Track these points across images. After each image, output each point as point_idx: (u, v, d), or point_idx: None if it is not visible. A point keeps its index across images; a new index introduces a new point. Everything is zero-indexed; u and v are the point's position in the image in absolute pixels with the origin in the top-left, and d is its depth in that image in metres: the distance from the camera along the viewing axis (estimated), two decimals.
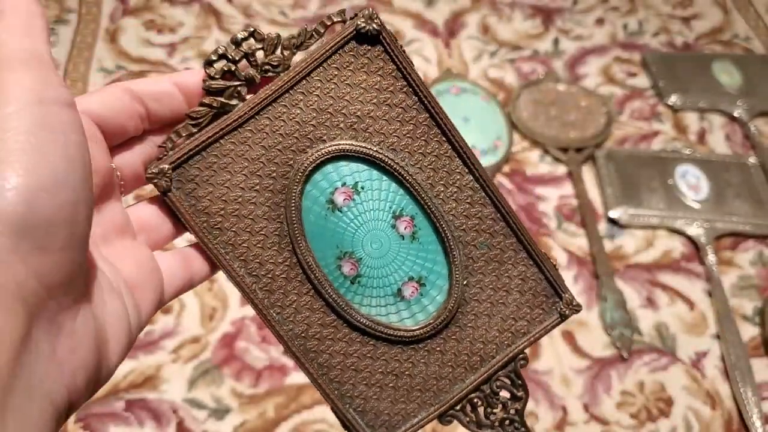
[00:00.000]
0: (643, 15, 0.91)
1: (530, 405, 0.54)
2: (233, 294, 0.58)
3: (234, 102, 0.25)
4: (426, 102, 0.27)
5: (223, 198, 0.26)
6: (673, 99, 0.79)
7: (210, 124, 0.25)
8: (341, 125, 0.26)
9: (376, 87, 0.26)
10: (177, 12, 0.83)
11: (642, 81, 0.82)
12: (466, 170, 0.28)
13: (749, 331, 0.60)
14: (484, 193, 0.28)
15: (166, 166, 0.25)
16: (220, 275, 0.61)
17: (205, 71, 0.25)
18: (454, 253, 0.28)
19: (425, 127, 0.27)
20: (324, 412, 0.52)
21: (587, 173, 0.71)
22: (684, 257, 0.65)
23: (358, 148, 0.26)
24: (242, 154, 0.26)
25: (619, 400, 0.55)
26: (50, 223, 0.18)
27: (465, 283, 0.28)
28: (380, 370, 0.28)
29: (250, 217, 0.26)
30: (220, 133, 0.25)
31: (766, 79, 0.82)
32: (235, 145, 0.25)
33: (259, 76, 0.25)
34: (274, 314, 0.27)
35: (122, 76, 0.75)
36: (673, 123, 0.77)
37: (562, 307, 0.29)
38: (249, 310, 0.57)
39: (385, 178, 0.27)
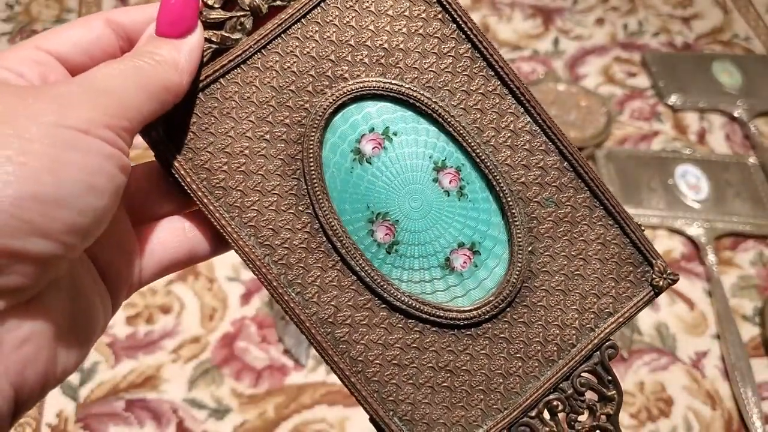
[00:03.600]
0: (643, 15, 0.91)
1: None
2: (233, 294, 0.58)
3: (237, 36, 0.21)
4: (467, 30, 0.22)
5: (227, 150, 0.21)
6: (673, 99, 0.79)
7: (209, 63, 0.21)
8: (366, 60, 0.22)
9: (406, 14, 0.22)
10: None
11: (642, 81, 0.82)
12: (522, 110, 0.22)
13: (749, 331, 0.60)
14: (545, 138, 0.23)
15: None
16: (219, 275, 0.61)
17: (203, 0, 0.21)
18: (514, 211, 0.22)
19: (467, 59, 0.22)
20: (324, 412, 0.52)
21: None
22: (684, 257, 0.65)
23: (387, 86, 0.22)
24: (248, 96, 0.21)
25: None
26: (33, 231, 0.16)
27: (530, 249, 0.22)
28: (430, 364, 0.22)
29: (260, 173, 0.22)
30: (221, 71, 0.21)
31: (766, 79, 0.82)
32: (240, 86, 0.21)
33: (266, 5, 0.21)
34: (294, 294, 0.22)
35: None
36: (673, 123, 0.77)
37: (654, 277, 0.23)
38: (249, 310, 0.57)
39: (422, 121, 0.22)
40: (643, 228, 0.24)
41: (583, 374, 0.23)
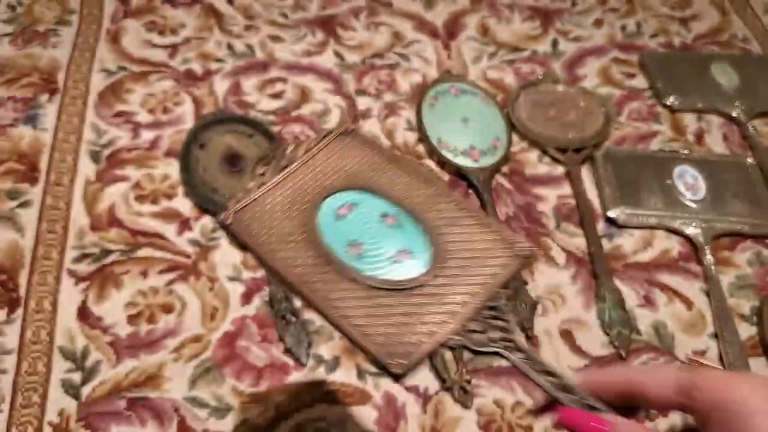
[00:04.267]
0: (641, 16, 0.91)
1: (529, 403, 0.54)
2: (234, 293, 0.59)
3: (267, 179, 0.41)
4: (394, 160, 0.42)
5: (266, 226, 0.38)
6: (671, 100, 0.79)
7: (258, 189, 0.40)
8: (340, 178, 0.40)
9: (358, 158, 0.42)
10: (178, 13, 0.84)
11: (640, 82, 0.82)
12: (430, 184, 0.40)
13: (747, 331, 0.60)
14: (439, 191, 0.40)
15: (231, 212, 0.39)
16: (220, 274, 0.61)
17: (256, 167, 0.41)
18: (428, 230, 0.38)
19: (393, 171, 0.41)
20: (325, 410, 0.52)
21: (586, 173, 0.71)
22: (682, 257, 0.65)
23: (354, 182, 0.40)
24: (277, 201, 0.39)
25: None
26: None
27: (441, 246, 0.38)
28: (395, 312, 0.35)
29: (285, 233, 0.38)
30: (260, 194, 0.40)
31: (764, 79, 0.82)
32: (273, 197, 0.40)
33: (282, 169, 0.41)
34: (312, 293, 0.36)
35: (124, 77, 0.75)
36: (671, 123, 0.78)
37: (517, 251, 0.37)
38: (250, 310, 0.58)
39: (370, 196, 0.40)
40: (502, 222, 0.42)
41: (488, 310, 0.36)
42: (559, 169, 0.72)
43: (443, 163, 0.70)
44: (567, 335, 0.59)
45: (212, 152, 0.67)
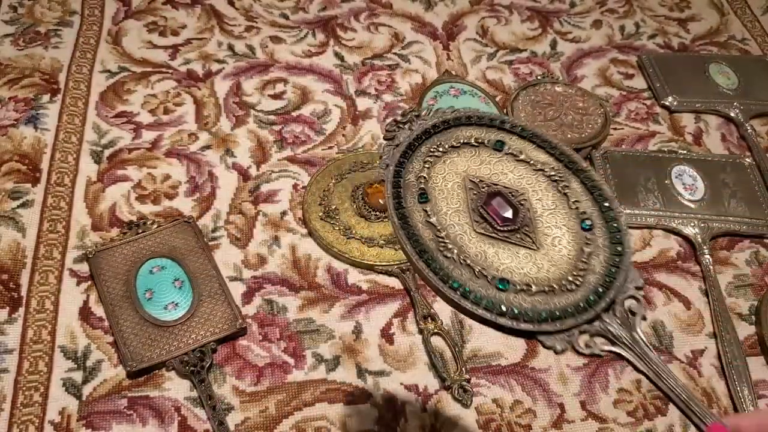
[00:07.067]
0: (640, 17, 0.92)
1: (528, 402, 0.54)
2: (235, 293, 0.59)
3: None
4: (205, 248, 0.61)
5: (114, 266, 0.56)
6: (670, 100, 0.79)
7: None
8: (165, 248, 0.59)
9: (181, 240, 0.60)
10: (179, 14, 0.84)
11: (639, 82, 0.83)
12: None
13: (745, 330, 0.60)
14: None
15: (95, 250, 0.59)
16: (222, 274, 0.60)
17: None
18: (195, 293, 0.57)
19: (199, 254, 0.60)
20: (325, 409, 0.53)
21: None
22: (680, 256, 0.65)
23: (170, 254, 0.59)
24: (126, 252, 0.59)
25: (616, 397, 0.55)
26: None
27: (200, 299, 0.56)
28: (154, 335, 0.55)
29: (124, 272, 0.57)
30: (121, 244, 0.60)
31: (762, 80, 0.83)
32: (126, 248, 0.59)
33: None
34: (113, 306, 0.56)
35: (125, 78, 0.75)
36: (669, 124, 0.78)
37: (238, 321, 0.55)
38: (250, 309, 0.58)
39: (177, 265, 0.59)
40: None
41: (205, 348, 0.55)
42: None
43: None
44: None
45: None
